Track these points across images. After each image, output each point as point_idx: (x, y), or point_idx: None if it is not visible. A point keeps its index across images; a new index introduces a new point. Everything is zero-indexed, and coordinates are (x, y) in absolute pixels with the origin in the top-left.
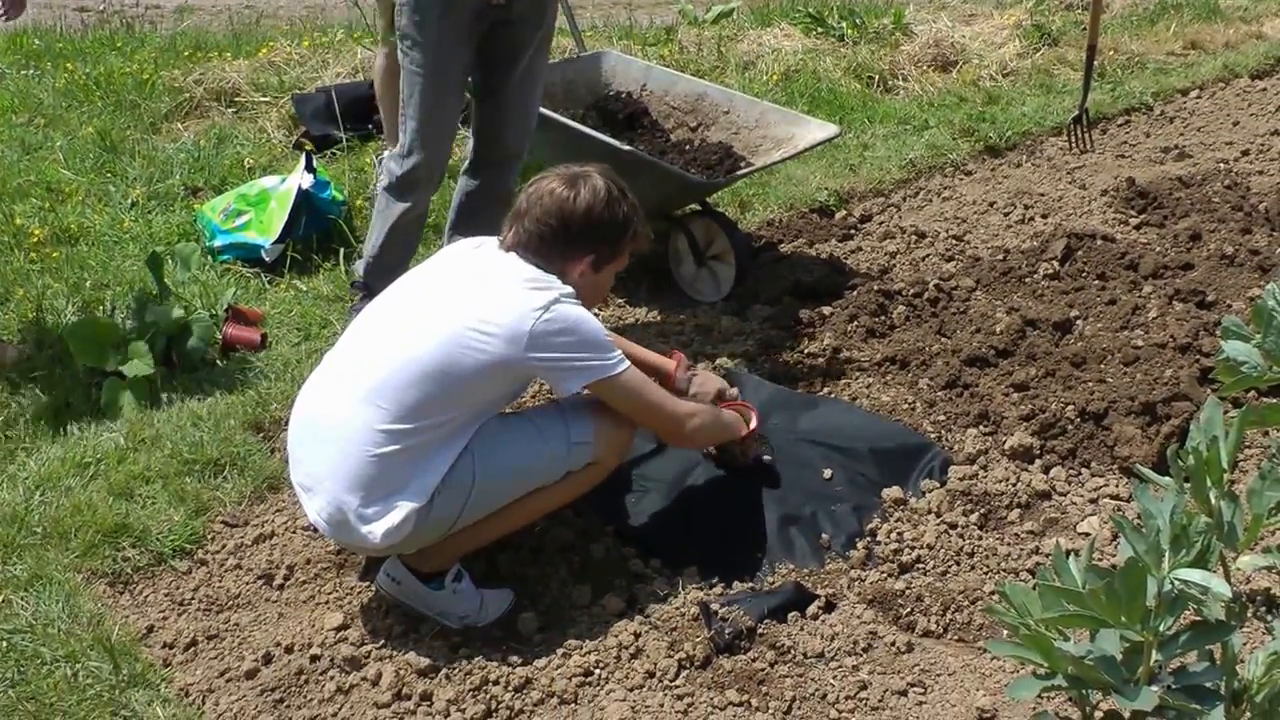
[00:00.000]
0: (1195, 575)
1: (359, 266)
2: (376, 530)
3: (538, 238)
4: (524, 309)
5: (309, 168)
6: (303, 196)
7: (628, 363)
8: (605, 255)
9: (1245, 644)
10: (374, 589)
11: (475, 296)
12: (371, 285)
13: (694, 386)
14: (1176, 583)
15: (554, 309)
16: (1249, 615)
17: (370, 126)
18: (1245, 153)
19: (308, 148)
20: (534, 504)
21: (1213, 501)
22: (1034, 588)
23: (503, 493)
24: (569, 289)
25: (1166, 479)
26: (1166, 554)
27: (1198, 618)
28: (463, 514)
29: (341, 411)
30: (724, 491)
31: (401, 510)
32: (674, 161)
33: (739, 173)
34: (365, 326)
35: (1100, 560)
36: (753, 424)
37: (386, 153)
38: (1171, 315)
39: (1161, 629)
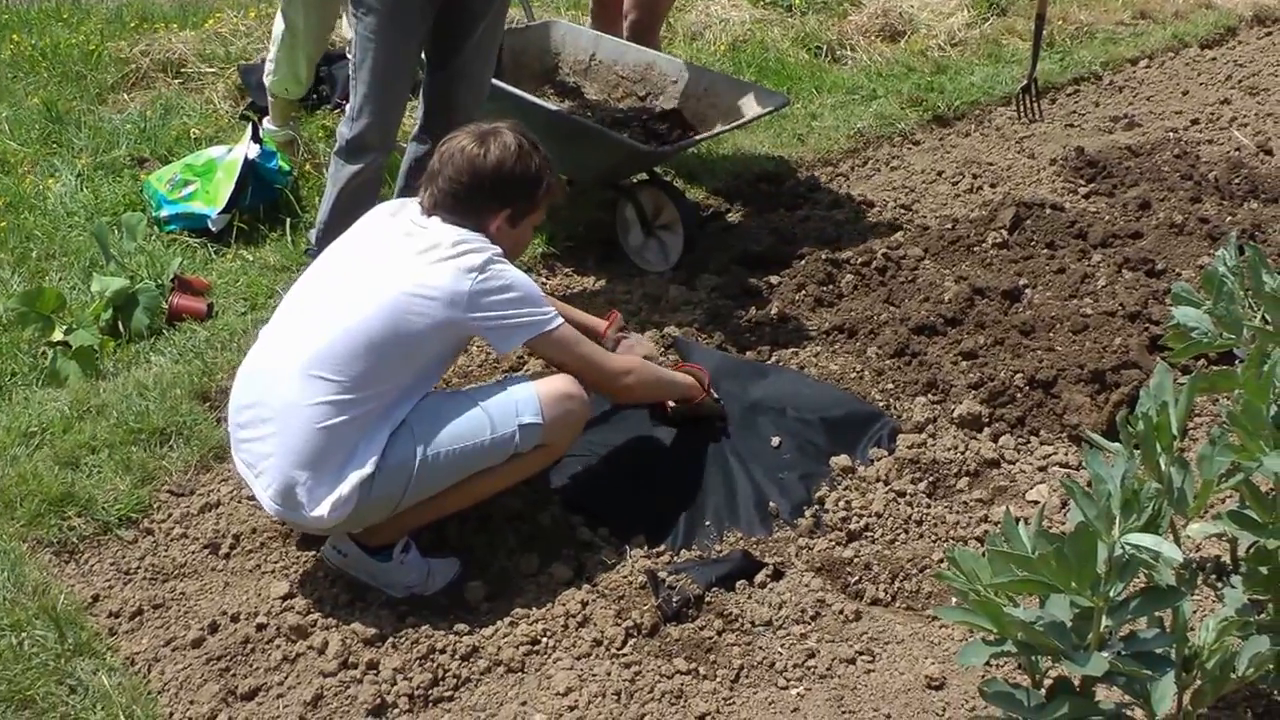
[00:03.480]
0: (1146, 540)
1: (312, 235)
2: (324, 504)
3: (451, 196)
4: (460, 271)
5: (255, 138)
6: (249, 167)
7: (561, 318)
8: (521, 209)
9: (1195, 612)
10: (320, 560)
11: (410, 263)
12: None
13: (621, 349)
14: (1127, 548)
15: (489, 269)
16: (1199, 583)
17: (315, 96)
18: (1195, 122)
19: (254, 118)
20: (481, 484)
21: (1163, 467)
22: (984, 554)
23: (447, 474)
24: (498, 249)
25: (1116, 445)
26: (1117, 519)
27: (1148, 584)
28: (406, 494)
29: (284, 389)
30: (672, 460)
31: (349, 481)
32: (622, 131)
33: (686, 141)
34: (297, 303)
35: (1050, 528)
36: (706, 383)
37: None
38: (1120, 284)
39: (1112, 594)
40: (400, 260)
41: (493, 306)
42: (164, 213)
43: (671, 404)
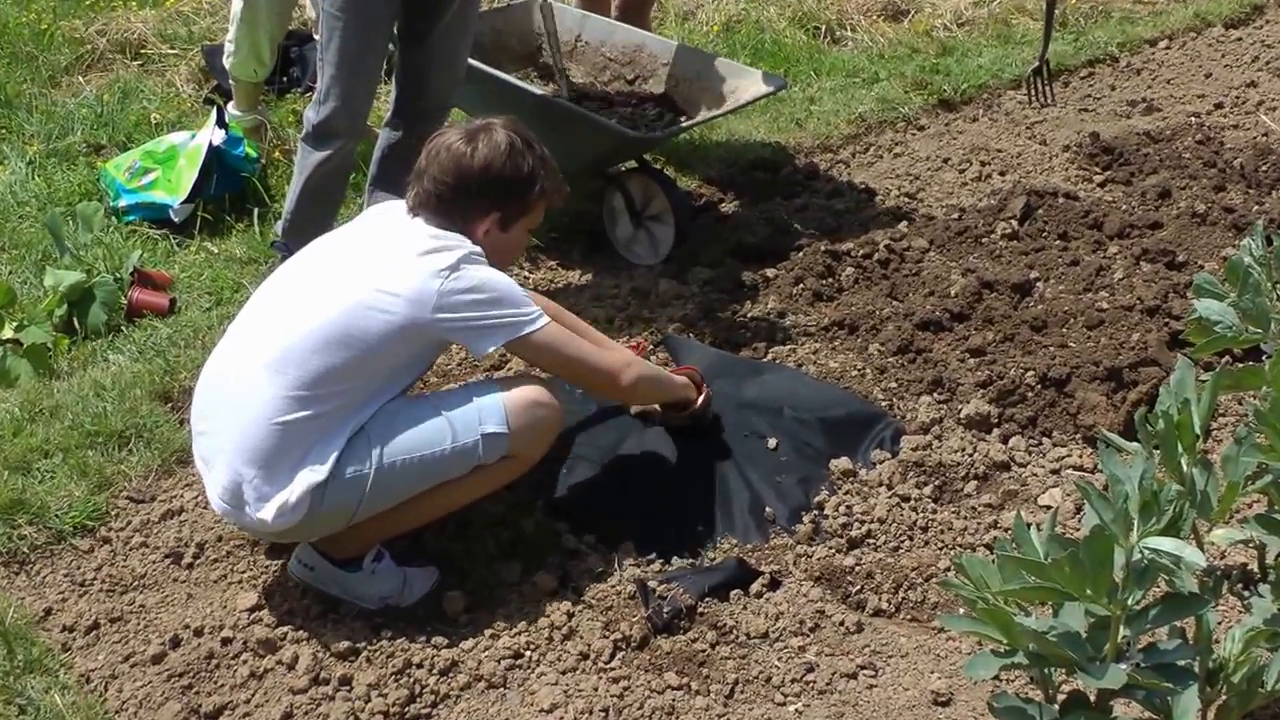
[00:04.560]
0: (1166, 544)
1: (279, 226)
2: (270, 506)
3: (436, 198)
4: (429, 270)
5: (220, 123)
6: (214, 153)
7: (546, 317)
8: (512, 213)
9: (1220, 623)
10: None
11: (379, 261)
12: (291, 245)
13: None
14: (1146, 552)
15: (462, 268)
16: (1224, 591)
17: (284, 79)
18: (1219, 106)
19: (219, 102)
20: (445, 497)
21: (1184, 468)
22: (993, 560)
23: (405, 485)
24: (476, 248)
25: (1135, 445)
26: (1135, 522)
27: (1169, 591)
28: (362, 504)
29: (244, 382)
30: (662, 463)
31: (298, 486)
32: (610, 116)
33: (678, 127)
34: (267, 296)
35: (1064, 534)
36: (704, 391)
37: None
38: (1139, 276)
39: (1130, 602)
40: (370, 259)
41: (463, 307)
42: (122, 202)
43: (658, 408)
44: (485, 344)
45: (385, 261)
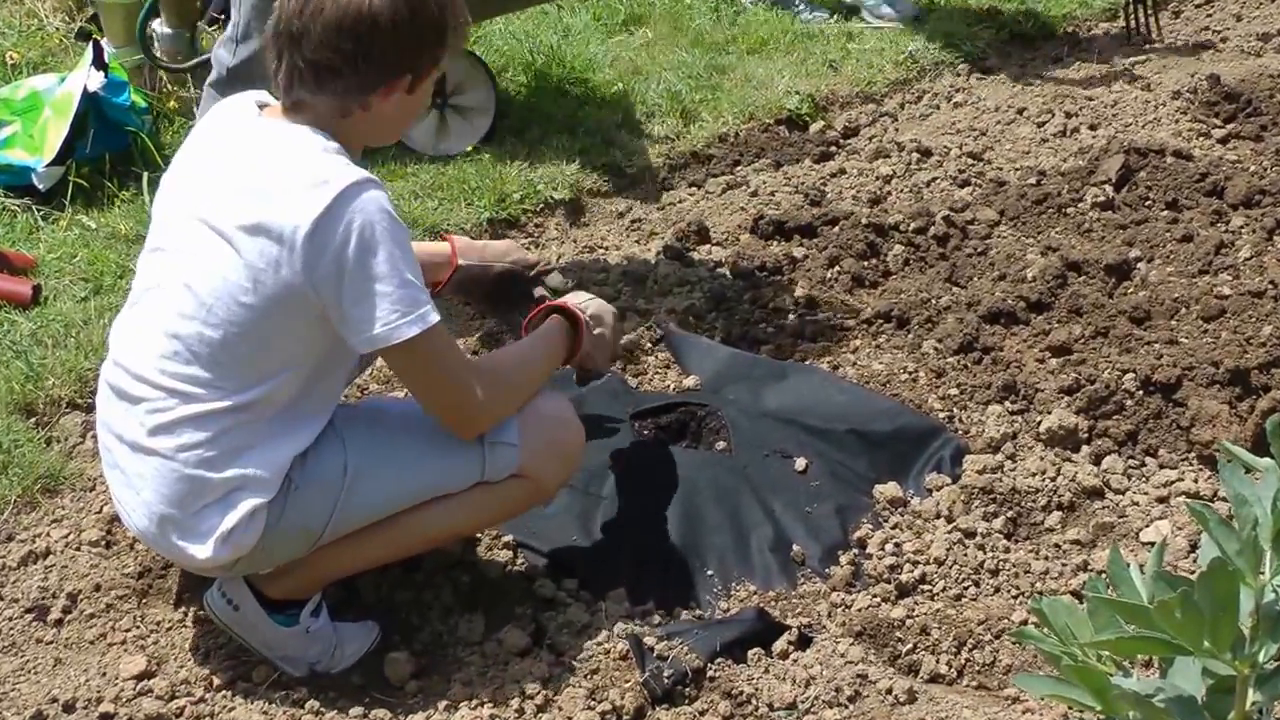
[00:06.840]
0: None
1: None
2: (208, 545)
3: (327, 70)
4: (300, 216)
5: (98, 63)
6: (89, 102)
7: (437, 315)
8: (424, 68)
9: None
10: (193, 624)
11: (239, 214)
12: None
13: (489, 254)
14: None
15: (347, 213)
16: None
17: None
18: None
19: (96, 35)
20: (436, 521)
21: None
22: (1083, 606)
23: (386, 498)
24: (359, 177)
25: (1266, 461)
26: (1268, 555)
27: None
28: (331, 522)
29: (134, 405)
30: (662, 490)
31: (239, 511)
32: None
33: None
34: (140, 279)
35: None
36: (581, 323)
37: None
38: (1272, 255)
39: (1261, 658)
40: (229, 215)
41: (341, 265)
42: None
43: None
44: (360, 328)
45: (246, 214)
